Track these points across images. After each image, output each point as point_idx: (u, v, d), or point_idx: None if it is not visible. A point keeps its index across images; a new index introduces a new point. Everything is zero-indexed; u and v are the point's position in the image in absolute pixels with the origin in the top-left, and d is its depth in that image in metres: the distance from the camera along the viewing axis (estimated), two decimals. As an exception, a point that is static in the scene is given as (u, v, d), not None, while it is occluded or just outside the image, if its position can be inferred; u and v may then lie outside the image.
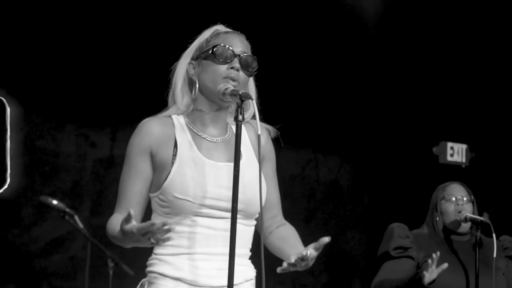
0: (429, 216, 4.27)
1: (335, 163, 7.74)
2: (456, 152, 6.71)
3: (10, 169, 6.16)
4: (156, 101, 2.97)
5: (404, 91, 7.40)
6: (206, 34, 2.72)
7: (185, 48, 2.80)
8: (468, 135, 7.63)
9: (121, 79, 6.33)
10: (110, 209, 2.77)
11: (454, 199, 4.17)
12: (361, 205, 7.72)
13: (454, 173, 6.93)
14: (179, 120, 2.66)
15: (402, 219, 4.63)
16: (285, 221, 2.91)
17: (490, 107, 7.46)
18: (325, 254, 7.59)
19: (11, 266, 6.32)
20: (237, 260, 2.46)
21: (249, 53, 2.68)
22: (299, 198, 7.54)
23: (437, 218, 4.19)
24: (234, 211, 2.38)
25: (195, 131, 2.64)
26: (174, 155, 2.58)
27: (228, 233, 2.45)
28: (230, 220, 2.45)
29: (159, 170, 2.60)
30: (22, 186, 6.37)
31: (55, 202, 5.07)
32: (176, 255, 2.55)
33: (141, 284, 2.63)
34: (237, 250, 2.46)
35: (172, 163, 2.56)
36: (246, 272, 2.64)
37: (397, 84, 7.37)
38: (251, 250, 2.74)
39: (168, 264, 2.56)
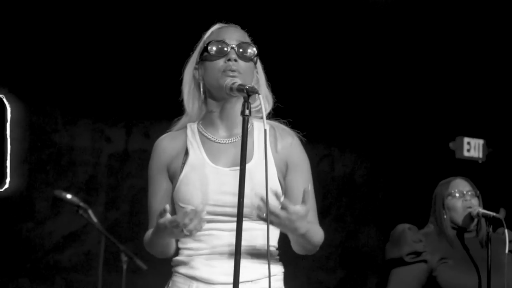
0: (434, 214, 4.22)
1: (351, 159, 7.73)
2: (472, 147, 6.68)
3: (27, 164, 6.17)
4: (170, 97, 2.96)
5: (421, 86, 7.38)
6: (205, 36, 2.71)
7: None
8: (485, 130, 7.60)
9: (137, 74, 6.35)
10: (124, 203, 2.78)
11: (461, 194, 4.13)
12: (376, 200, 7.71)
13: (470, 168, 6.91)
14: (192, 127, 2.69)
15: (418, 215, 4.61)
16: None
17: (507, 102, 7.42)
18: (340, 249, 7.59)
19: (25, 260, 6.35)
20: (249, 258, 2.54)
21: (246, 40, 2.66)
22: (314, 193, 7.53)
23: (445, 216, 4.14)
24: (240, 206, 2.34)
25: (205, 134, 2.65)
26: (183, 163, 2.62)
27: (247, 232, 2.51)
28: (248, 220, 2.52)
29: (173, 181, 2.66)
30: (37, 181, 6.40)
31: (69, 196, 5.07)
32: (191, 256, 2.61)
33: (168, 283, 2.73)
34: (250, 249, 2.53)
35: (180, 172, 2.61)
36: (262, 269, 2.60)
37: (414, 79, 7.35)
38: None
39: (185, 264, 2.63)
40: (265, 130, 2.38)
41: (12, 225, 6.33)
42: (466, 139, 6.52)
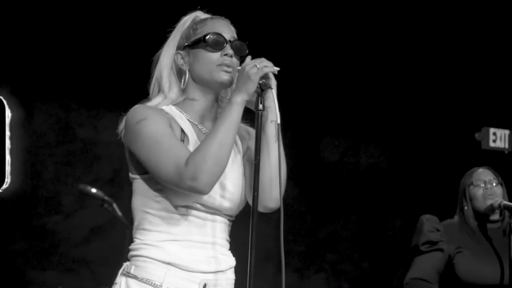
0: (459, 205, 4.23)
1: (375, 150, 7.71)
2: (498, 138, 6.62)
3: (52, 156, 6.20)
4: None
5: (446, 76, 7.35)
6: (187, 21, 2.68)
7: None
8: (511, 120, 7.54)
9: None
10: None
11: (482, 184, 4.12)
12: (401, 192, 7.69)
13: (496, 159, 6.85)
14: (172, 110, 2.59)
15: (443, 206, 4.60)
16: None
17: (533, 92, 7.37)
18: (365, 241, 7.58)
19: (52, 253, 6.39)
20: (220, 249, 2.52)
21: (236, 37, 2.63)
22: (338, 186, 7.53)
23: (466, 206, 4.14)
24: (254, 200, 2.36)
25: (192, 121, 2.59)
26: (182, 140, 2.54)
27: (214, 224, 2.51)
28: (216, 213, 2.52)
29: None
30: (63, 174, 6.43)
31: (93, 190, 5.08)
32: (165, 241, 2.50)
33: (124, 268, 2.60)
34: (220, 241, 2.52)
35: None
36: (230, 260, 2.61)
37: (440, 69, 7.31)
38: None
39: (158, 248, 2.50)
40: (278, 125, 2.41)
41: (40, 219, 6.38)
42: (492, 130, 6.46)
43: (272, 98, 2.44)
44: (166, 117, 2.52)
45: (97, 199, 5.07)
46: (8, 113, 2.04)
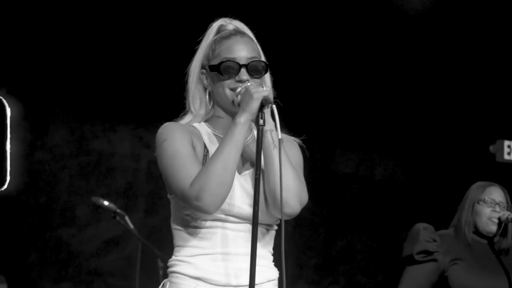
0: (458, 214, 4.19)
1: (390, 163, 7.70)
2: (513, 151, 6.61)
3: (66, 168, 6.21)
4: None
5: (460, 89, 7.34)
6: (210, 34, 2.68)
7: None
8: (526, 133, 7.53)
9: (176, 80, 6.37)
10: (164, 208, 2.75)
11: (493, 203, 4.08)
12: (416, 205, 7.67)
13: (511, 171, 6.84)
14: (202, 126, 2.65)
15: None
16: None
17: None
18: (380, 254, 7.56)
19: (66, 265, 6.40)
20: (258, 261, 2.45)
21: (257, 54, 2.62)
22: (353, 198, 7.52)
23: (469, 219, 4.10)
24: (255, 214, 2.37)
25: (219, 135, 2.63)
26: (205, 155, 2.59)
27: (247, 234, 2.50)
28: (248, 223, 2.50)
29: None
30: (78, 187, 6.45)
31: (106, 203, 5.12)
32: (195, 256, 2.55)
33: (163, 284, 2.65)
34: (258, 251, 2.45)
35: (203, 163, 2.56)
36: (267, 272, 2.61)
37: (453, 82, 7.30)
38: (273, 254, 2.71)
39: (189, 264, 2.55)
40: (279, 140, 2.41)
41: (54, 231, 6.39)
42: (506, 142, 6.44)
43: (273, 114, 2.45)
44: (188, 136, 2.57)
45: (109, 211, 5.10)
46: (8, 113, 2.04)
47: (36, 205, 6.35)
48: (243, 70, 2.57)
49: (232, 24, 2.70)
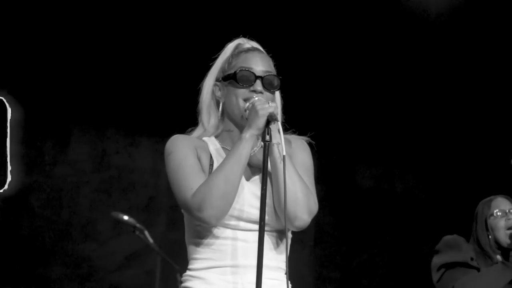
0: (475, 233, 4.14)
1: (411, 177, 7.68)
2: (534, 164, 6.58)
3: (88, 183, 6.22)
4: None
5: (481, 104, 7.31)
6: (228, 50, 2.73)
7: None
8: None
9: (196, 96, 6.40)
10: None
11: (503, 214, 4.05)
12: (437, 219, 7.65)
13: (532, 185, 6.82)
14: (211, 141, 2.69)
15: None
16: None
17: None
18: (401, 268, 7.52)
19: (88, 280, 6.42)
20: (267, 273, 2.48)
21: (272, 70, 2.66)
22: (373, 213, 7.51)
23: (489, 236, 4.07)
24: (261, 229, 2.42)
25: (227, 148, 2.66)
26: (211, 165, 2.62)
27: (256, 245, 2.49)
28: (257, 230, 2.49)
29: None
30: (99, 201, 6.48)
31: (125, 217, 5.13)
32: (206, 269, 2.57)
33: None
34: (269, 262, 2.50)
35: (209, 174, 2.59)
36: (278, 286, 2.60)
37: (474, 97, 7.28)
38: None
39: (199, 279, 2.58)
40: (283, 157, 2.46)
41: (76, 245, 6.41)
42: (527, 156, 6.42)
43: (278, 130, 2.49)
44: (192, 148, 2.61)
45: (129, 226, 5.11)
46: (9, 113, 2.05)
47: (57, 220, 6.38)
48: (258, 81, 2.61)
49: (249, 43, 2.74)
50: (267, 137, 2.48)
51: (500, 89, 7.17)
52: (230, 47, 2.73)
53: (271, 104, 2.52)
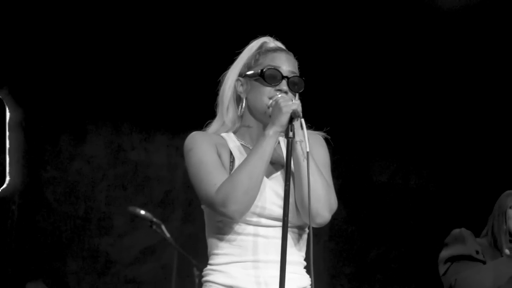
0: (491, 223, 4.17)
1: (425, 172, 7.69)
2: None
3: (104, 178, 6.25)
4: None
5: (494, 100, 7.31)
6: (254, 47, 2.73)
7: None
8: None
9: (212, 90, 6.42)
10: (201, 217, 2.78)
11: None
12: (451, 214, 7.65)
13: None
14: (230, 136, 2.70)
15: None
16: None
17: None
18: (415, 263, 7.53)
19: (104, 274, 6.46)
20: (289, 268, 2.48)
21: (296, 71, 2.68)
22: (388, 207, 7.52)
23: (505, 226, 4.08)
24: (285, 224, 2.44)
25: (246, 145, 2.68)
26: (232, 162, 2.63)
27: (278, 241, 2.51)
28: (280, 228, 2.52)
29: None
30: (115, 196, 6.52)
31: (142, 212, 5.14)
32: (228, 264, 2.59)
33: None
34: (289, 257, 2.49)
35: (230, 170, 2.61)
36: (299, 280, 2.63)
37: (487, 94, 7.28)
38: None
39: (221, 273, 2.60)
40: (307, 153, 2.47)
41: (92, 240, 6.46)
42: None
43: (302, 127, 2.51)
44: (213, 144, 2.63)
45: (146, 220, 5.12)
46: (7, 114, 2.07)
47: (74, 215, 6.42)
48: (284, 81, 2.62)
49: (274, 43, 2.75)
50: (290, 134, 2.49)
51: (507, 79, 7.16)
52: (255, 44, 2.74)
53: (294, 101, 2.54)
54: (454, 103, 7.35)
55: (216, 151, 2.62)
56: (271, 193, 2.58)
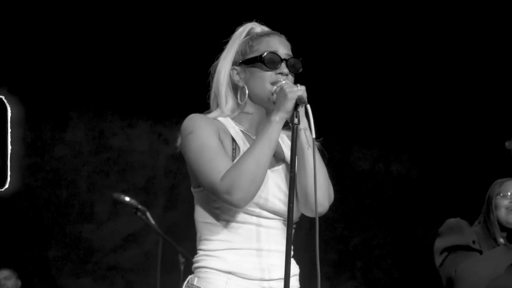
0: (483, 214, 4.19)
1: (406, 159, 7.73)
2: (529, 147, 6.62)
3: (86, 165, 6.22)
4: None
5: (476, 85, 7.34)
6: (242, 34, 2.70)
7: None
8: (542, 129, 7.53)
9: (194, 76, 6.41)
10: (183, 204, 2.77)
11: (509, 195, 4.09)
12: (432, 201, 7.69)
13: (527, 167, 6.86)
14: (228, 121, 2.64)
15: (474, 215, 4.61)
16: None
17: None
18: (396, 249, 7.55)
19: (86, 261, 6.47)
20: (281, 256, 2.48)
21: (291, 52, 2.66)
22: (369, 195, 7.55)
23: (492, 215, 4.11)
24: (290, 211, 2.41)
25: (246, 132, 2.64)
26: (234, 149, 2.58)
27: (278, 232, 2.54)
28: (278, 219, 2.54)
29: None
30: (97, 183, 6.52)
31: (127, 199, 5.11)
32: (224, 250, 2.55)
33: (189, 281, 2.61)
34: (281, 247, 2.50)
35: (233, 158, 2.56)
36: (292, 268, 2.60)
37: (469, 78, 7.31)
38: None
39: (218, 258, 2.55)
40: (313, 139, 2.45)
41: (74, 227, 6.46)
42: (522, 138, 6.45)
43: (307, 113, 2.48)
44: (215, 129, 2.56)
45: (131, 207, 5.11)
46: (9, 114, 2.04)
47: (56, 202, 6.42)
48: (283, 64, 2.61)
49: (261, 27, 2.73)
50: (296, 120, 2.47)
51: (495, 71, 7.20)
52: (242, 30, 2.71)
53: (300, 87, 2.51)
54: (434, 90, 7.38)
55: (218, 136, 2.55)
56: (273, 186, 2.56)
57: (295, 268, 2.67)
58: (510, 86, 7.25)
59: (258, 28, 2.72)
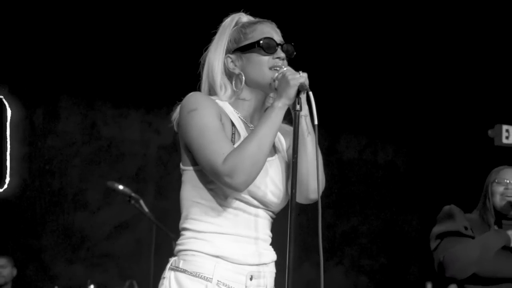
0: (481, 201, 4.25)
1: (393, 148, 7.78)
2: (511, 135, 6.68)
3: (78, 154, 6.24)
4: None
5: (460, 76, 7.40)
6: (231, 23, 2.71)
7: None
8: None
9: (185, 66, 6.44)
10: (173, 192, 2.75)
11: (505, 182, 4.15)
12: (418, 188, 7.75)
13: (509, 155, 6.92)
14: (226, 105, 2.64)
15: (458, 202, 4.67)
16: None
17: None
18: (382, 236, 7.60)
19: (79, 248, 6.51)
20: (263, 244, 2.57)
21: (283, 40, 2.69)
22: (357, 182, 7.60)
23: (488, 201, 4.17)
24: (293, 197, 2.43)
25: (243, 118, 2.66)
26: (233, 134, 2.59)
27: (265, 221, 2.59)
28: (264, 209, 2.58)
29: None
30: (89, 172, 6.56)
31: (121, 187, 5.11)
32: (213, 234, 2.54)
33: (172, 263, 2.59)
34: (264, 236, 2.57)
35: (232, 142, 2.55)
36: (272, 254, 2.67)
37: (453, 69, 7.36)
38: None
39: (207, 242, 2.53)
40: (314, 126, 2.50)
41: (67, 215, 6.49)
42: (504, 127, 6.49)
43: (309, 100, 2.52)
44: (218, 111, 2.55)
45: (125, 195, 5.12)
46: (9, 114, 2.09)
47: (49, 190, 6.45)
48: (279, 49, 2.64)
49: (247, 17, 2.75)
50: (298, 107, 2.49)
51: (478, 62, 7.25)
52: (231, 21, 2.72)
53: (301, 74, 2.53)
54: (419, 80, 7.43)
55: (220, 118, 2.54)
56: (266, 176, 2.57)
57: (275, 255, 2.69)
58: (493, 77, 7.31)
59: (244, 17, 2.74)
